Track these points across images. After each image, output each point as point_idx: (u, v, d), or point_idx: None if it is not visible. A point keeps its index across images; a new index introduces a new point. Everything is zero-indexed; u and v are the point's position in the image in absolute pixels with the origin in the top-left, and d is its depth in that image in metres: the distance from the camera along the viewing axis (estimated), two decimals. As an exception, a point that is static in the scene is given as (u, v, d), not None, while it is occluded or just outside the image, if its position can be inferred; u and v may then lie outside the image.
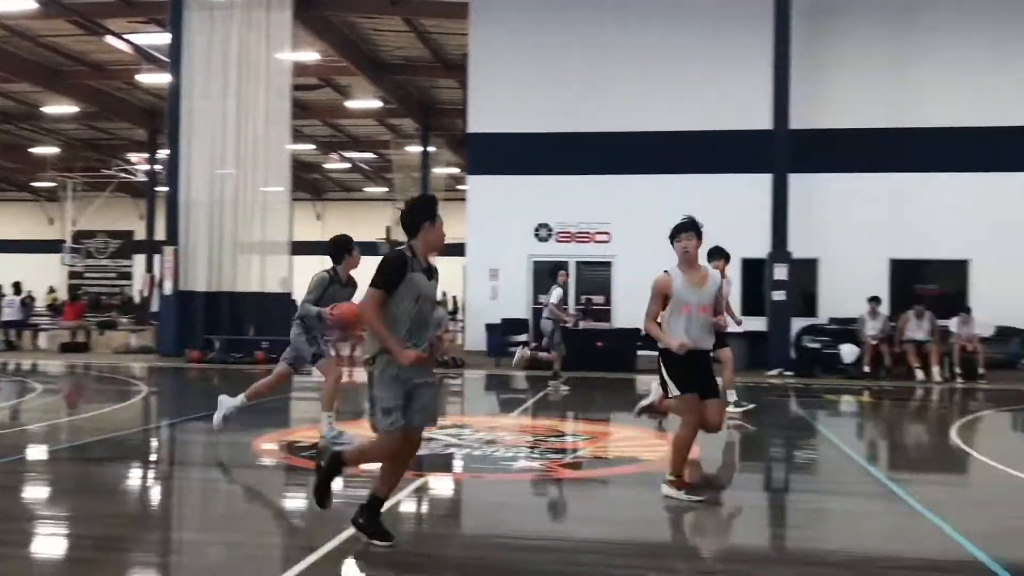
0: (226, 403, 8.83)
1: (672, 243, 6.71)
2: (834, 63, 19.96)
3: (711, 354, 6.98)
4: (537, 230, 21.02)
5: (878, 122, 19.67)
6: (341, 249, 8.48)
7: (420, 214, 5.33)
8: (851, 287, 19.04)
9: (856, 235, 19.54)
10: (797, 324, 18.84)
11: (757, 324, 18.52)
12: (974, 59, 19.63)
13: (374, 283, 5.23)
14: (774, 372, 17.50)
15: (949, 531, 5.84)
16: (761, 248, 18.71)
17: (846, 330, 17.91)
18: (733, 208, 18.97)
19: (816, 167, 19.52)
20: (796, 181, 18.74)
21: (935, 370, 16.40)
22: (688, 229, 6.61)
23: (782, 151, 18.48)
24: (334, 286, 8.42)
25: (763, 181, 18.81)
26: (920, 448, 10.41)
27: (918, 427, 12.17)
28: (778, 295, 18.50)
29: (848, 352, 17.07)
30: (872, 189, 19.72)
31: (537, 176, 20.99)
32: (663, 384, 6.78)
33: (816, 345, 18.04)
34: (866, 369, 16.78)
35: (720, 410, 6.87)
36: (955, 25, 19.78)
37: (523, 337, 18.80)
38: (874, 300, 17.40)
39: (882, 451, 10.20)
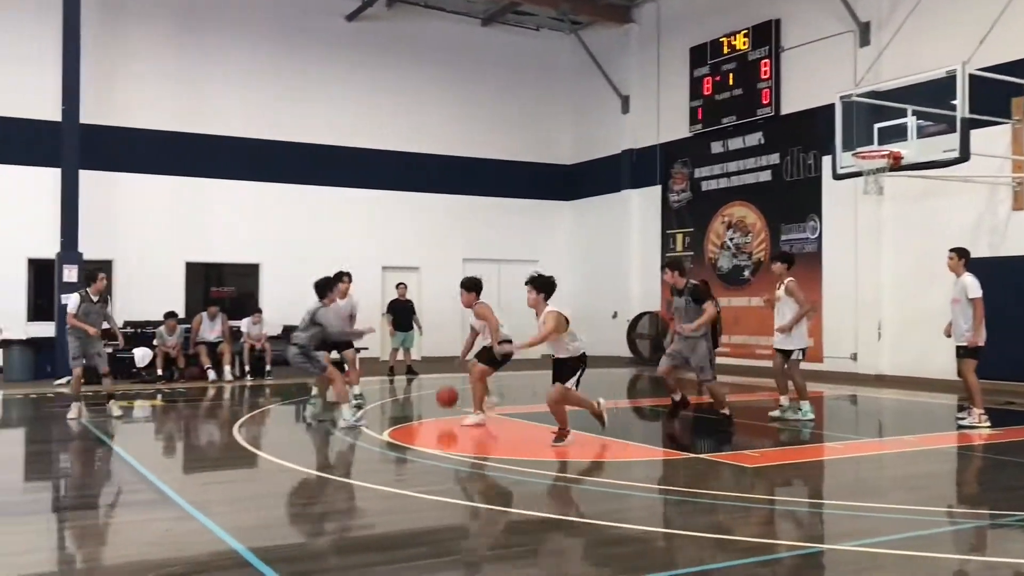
0: None
1: None
2: (129, 62, 19.63)
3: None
4: None
5: (171, 125, 19.85)
6: None
7: None
8: (148, 289, 18.97)
9: (152, 237, 19.46)
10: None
11: (46, 330, 17.40)
12: (259, 77, 20.90)
13: None
14: (63, 381, 16.48)
15: (215, 529, 6.04)
16: (50, 248, 17.52)
17: (142, 333, 17.67)
18: (17, 203, 17.61)
19: (110, 165, 18.99)
20: (88, 178, 17.93)
21: (226, 369, 17.08)
22: None
23: (71, 145, 17.38)
24: None
25: (51, 176, 17.63)
26: (202, 449, 10.62)
27: (205, 427, 12.41)
28: (68, 298, 17.49)
29: (141, 356, 16.90)
30: (167, 191, 19.81)
31: None
32: None
33: (108, 350, 17.40)
34: (160, 372, 16.76)
35: None
36: (240, 43, 20.81)
37: None
38: (171, 315, 17.35)
39: (164, 456, 10.16)
